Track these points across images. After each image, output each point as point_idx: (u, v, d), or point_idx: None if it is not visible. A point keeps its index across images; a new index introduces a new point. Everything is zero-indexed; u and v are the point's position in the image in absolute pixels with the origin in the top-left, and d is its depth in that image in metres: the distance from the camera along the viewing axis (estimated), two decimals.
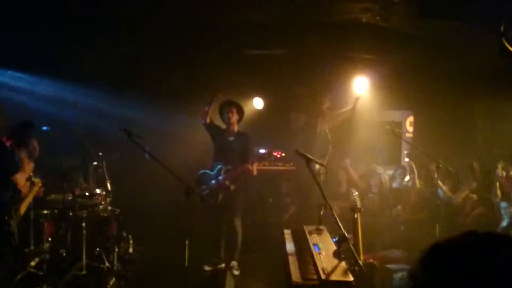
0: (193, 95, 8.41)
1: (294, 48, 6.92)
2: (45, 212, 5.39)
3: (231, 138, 5.81)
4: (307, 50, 6.92)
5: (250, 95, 8.88)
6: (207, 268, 5.79)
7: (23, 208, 4.06)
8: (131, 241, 6.04)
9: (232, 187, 5.66)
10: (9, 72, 6.63)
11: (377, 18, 5.33)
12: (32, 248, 5.24)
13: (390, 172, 8.18)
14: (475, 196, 6.05)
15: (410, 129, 9.22)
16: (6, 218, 3.76)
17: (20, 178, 3.62)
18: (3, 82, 6.58)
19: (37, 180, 4.67)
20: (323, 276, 3.02)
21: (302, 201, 7.06)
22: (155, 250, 6.41)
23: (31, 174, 5.45)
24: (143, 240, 6.40)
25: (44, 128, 5.91)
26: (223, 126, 5.94)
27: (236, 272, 5.69)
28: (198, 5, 5.27)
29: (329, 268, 3.15)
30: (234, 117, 5.78)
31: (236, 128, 5.86)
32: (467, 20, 3.59)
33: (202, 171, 5.86)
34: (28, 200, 4.12)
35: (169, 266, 5.59)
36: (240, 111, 5.85)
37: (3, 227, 3.73)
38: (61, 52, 6.50)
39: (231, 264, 5.73)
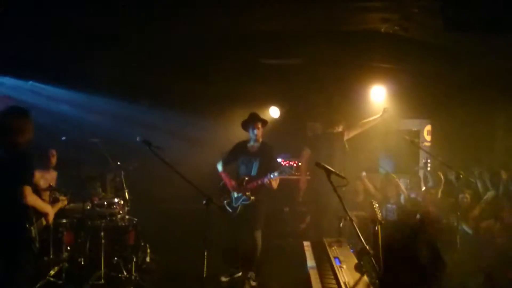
0: (210, 103, 8.45)
1: (311, 57, 6.90)
2: (64, 221, 5.46)
3: (254, 151, 5.81)
4: (324, 59, 6.90)
5: (266, 104, 8.90)
6: (224, 279, 5.76)
7: (47, 220, 4.10)
8: (148, 250, 6.06)
9: (252, 198, 5.64)
10: (30, 82, 6.72)
11: (396, 27, 5.29)
12: (51, 257, 5.30)
13: (407, 180, 8.07)
14: (498, 225, 5.87)
15: (428, 138, 9.13)
16: (27, 225, 3.80)
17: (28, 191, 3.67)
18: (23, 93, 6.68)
19: (62, 197, 4.72)
20: None
21: (318, 212, 7.01)
22: (172, 260, 6.40)
23: (51, 184, 5.51)
24: (161, 250, 6.41)
25: (63, 138, 5.96)
26: (241, 136, 5.94)
27: (253, 283, 5.66)
28: (215, 15, 5.29)
29: (351, 282, 3.11)
30: (260, 132, 5.78)
31: (260, 140, 5.85)
32: (493, 31, 3.55)
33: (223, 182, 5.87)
34: (51, 210, 4.16)
35: (187, 276, 5.58)
36: (265, 124, 5.86)
37: (24, 233, 3.77)
38: (79, 62, 6.57)
39: (249, 275, 5.70)
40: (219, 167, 5.91)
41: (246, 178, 5.69)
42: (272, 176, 5.51)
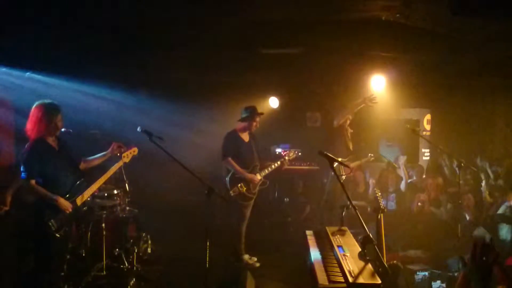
0: (210, 93, 8.40)
1: (311, 46, 6.83)
2: None
3: (249, 140, 6.21)
4: (324, 48, 6.82)
5: (265, 94, 8.86)
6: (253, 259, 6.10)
7: None
8: (150, 241, 6.05)
9: (267, 182, 6.19)
10: (28, 73, 6.65)
11: (397, 15, 5.23)
12: None
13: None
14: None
15: (427, 127, 9.12)
16: None
17: None
18: (19, 84, 6.60)
19: None
20: (350, 279, 2.98)
21: (319, 201, 7.02)
22: (173, 250, 6.42)
23: None
24: (162, 240, 6.42)
25: (63, 129, 5.91)
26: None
27: (257, 264, 5.99)
28: (215, 4, 5.22)
29: (355, 270, 3.10)
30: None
31: None
32: (499, 17, 3.48)
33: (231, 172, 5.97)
34: None
35: (188, 266, 5.58)
36: None
37: None
38: (78, 52, 6.50)
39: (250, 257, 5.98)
40: (229, 160, 5.96)
41: (258, 164, 6.13)
42: (287, 157, 6.30)
